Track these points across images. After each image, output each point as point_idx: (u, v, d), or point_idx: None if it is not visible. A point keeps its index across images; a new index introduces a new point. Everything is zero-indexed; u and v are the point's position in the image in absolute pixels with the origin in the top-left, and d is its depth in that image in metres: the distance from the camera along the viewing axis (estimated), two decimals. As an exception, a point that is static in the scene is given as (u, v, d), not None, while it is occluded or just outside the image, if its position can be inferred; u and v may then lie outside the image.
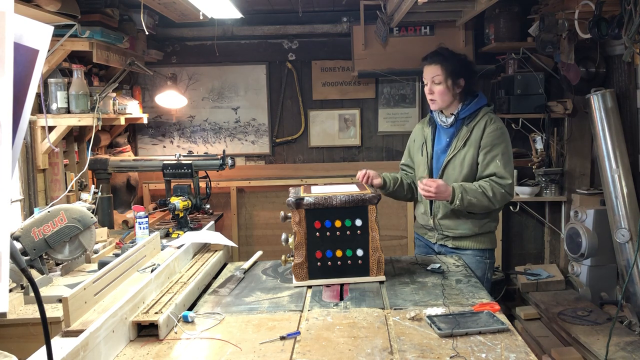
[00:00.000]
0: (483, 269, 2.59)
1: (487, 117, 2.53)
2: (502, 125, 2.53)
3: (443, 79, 2.51)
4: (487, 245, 2.62)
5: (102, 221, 3.41)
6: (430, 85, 2.55)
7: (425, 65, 2.58)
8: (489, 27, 4.13)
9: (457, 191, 2.41)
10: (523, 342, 1.59)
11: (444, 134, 2.62)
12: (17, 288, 2.24)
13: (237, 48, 4.52)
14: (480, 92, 2.62)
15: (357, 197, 2.14)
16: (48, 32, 1.03)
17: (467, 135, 2.52)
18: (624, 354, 2.94)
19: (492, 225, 2.62)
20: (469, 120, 2.55)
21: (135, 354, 1.60)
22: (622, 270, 3.42)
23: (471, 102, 2.55)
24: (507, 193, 2.46)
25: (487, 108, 2.58)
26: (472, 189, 2.44)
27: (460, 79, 2.53)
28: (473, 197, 2.41)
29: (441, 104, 2.55)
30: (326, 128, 4.61)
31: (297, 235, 2.13)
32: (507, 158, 2.50)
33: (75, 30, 2.99)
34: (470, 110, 2.55)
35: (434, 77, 2.53)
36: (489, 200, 2.43)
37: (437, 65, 2.52)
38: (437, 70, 2.52)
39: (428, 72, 2.56)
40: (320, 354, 1.56)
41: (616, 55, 3.62)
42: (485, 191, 2.43)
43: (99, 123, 3.24)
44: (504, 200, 2.49)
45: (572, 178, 4.16)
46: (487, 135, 2.49)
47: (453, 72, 2.52)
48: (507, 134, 2.54)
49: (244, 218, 4.63)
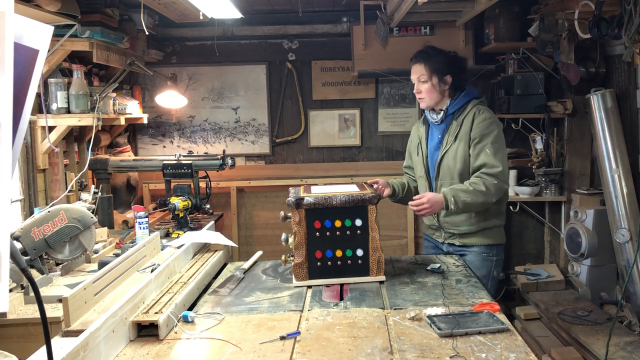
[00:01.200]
0: (488, 267, 2.57)
1: (475, 109, 2.52)
2: (491, 115, 2.52)
3: (428, 77, 2.53)
4: (494, 241, 2.59)
5: (102, 221, 3.41)
6: (417, 84, 2.57)
7: (412, 65, 2.61)
8: (489, 27, 4.13)
9: (448, 196, 2.40)
10: (523, 342, 1.59)
11: (435, 130, 2.63)
12: (17, 288, 2.24)
13: (237, 48, 4.52)
14: (469, 86, 2.61)
15: (357, 197, 2.15)
16: (48, 32, 1.03)
17: (457, 129, 2.53)
18: (624, 354, 2.94)
19: (497, 220, 2.60)
20: (458, 114, 2.55)
21: (135, 354, 1.60)
22: (622, 270, 3.42)
23: (459, 96, 2.56)
24: (500, 182, 2.44)
25: (476, 100, 2.57)
26: (463, 189, 2.42)
27: (446, 76, 2.53)
28: (466, 197, 2.40)
29: (429, 102, 2.57)
30: (326, 128, 4.61)
31: (297, 235, 2.13)
32: (497, 146, 2.47)
33: (75, 30, 2.99)
34: (458, 104, 2.55)
35: (419, 76, 2.55)
36: (484, 195, 2.41)
37: (421, 64, 2.54)
38: (422, 69, 2.54)
39: (414, 72, 2.59)
40: (320, 354, 1.56)
41: (616, 55, 3.62)
42: (477, 187, 2.41)
43: (99, 123, 3.24)
44: (499, 191, 2.46)
45: (572, 178, 4.16)
46: (476, 127, 2.48)
47: (438, 70, 2.52)
48: (496, 122, 2.52)
49: (244, 218, 4.63)
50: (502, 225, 2.63)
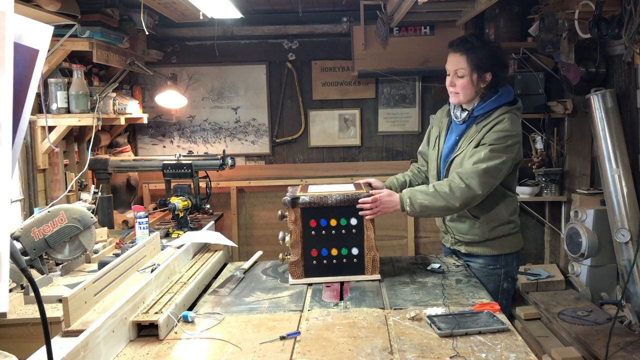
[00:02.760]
0: (496, 281, 2.31)
1: (499, 118, 2.23)
2: (512, 128, 2.21)
3: (468, 72, 2.23)
4: (502, 251, 2.33)
5: (102, 221, 3.41)
6: (452, 77, 2.28)
7: (450, 53, 2.29)
8: (489, 27, 4.13)
9: (404, 197, 2.17)
10: (523, 342, 1.59)
11: (455, 130, 2.37)
12: (17, 288, 2.24)
13: (237, 48, 4.52)
14: (504, 88, 2.31)
15: (352, 196, 2.16)
16: (48, 32, 1.03)
17: (474, 135, 2.25)
18: (624, 354, 2.94)
19: (505, 229, 2.33)
20: (481, 119, 2.27)
21: (135, 354, 1.60)
22: (622, 270, 3.42)
23: (489, 99, 2.28)
24: (469, 188, 2.13)
25: (507, 107, 2.27)
26: (422, 190, 2.20)
27: (486, 73, 2.25)
28: (424, 199, 2.15)
29: (463, 98, 2.28)
30: (326, 128, 4.61)
31: (293, 234, 2.15)
32: (496, 155, 2.17)
33: (75, 30, 2.98)
34: (485, 108, 2.28)
35: (457, 69, 2.25)
36: (445, 198, 2.14)
37: (463, 56, 2.23)
38: (462, 62, 2.24)
39: (452, 62, 2.28)
40: (320, 354, 1.56)
41: (616, 55, 3.62)
42: (440, 189, 2.15)
43: (99, 123, 3.25)
44: (465, 197, 2.14)
45: (572, 178, 4.16)
46: (490, 134, 2.20)
47: (479, 66, 2.23)
48: (513, 137, 2.21)
49: (244, 218, 4.63)
50: (513, 233, 2.36)
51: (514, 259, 2.38)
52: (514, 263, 2.38)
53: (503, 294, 2.36)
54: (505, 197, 2.33)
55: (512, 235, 2.37)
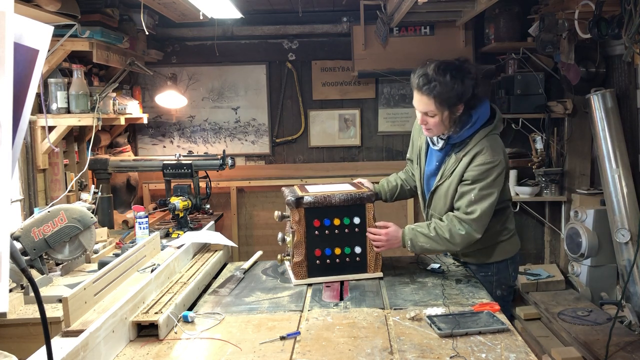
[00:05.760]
0: (489, 289, 2.20)
1: (478, 147, 2.13)
2: (493, 157, 2.11)
3: (438, 111, 2.10)
4: (493, 259, 2.30)
5: (102, 221, 3.41)
6: (423, 117, 2.16)
7: (416, 92, 2.16)
8: (489, 27, 4.13)
9: (406, 237, 2.19)
10: (523, 342, 1.60)
11: (434, 155, 2.30)
12: (17, 288, 2.24)
13: (237, 48, 4.52)
14: (480, 108, 2.16)
15: (355, 195, 2.17)
16: (48, 32, 1.03)
17: (454, 165, 2.18)
18: (624, 354, 2.94)
19: (496, 237, 2.29)
20: (459, 147, 2.18)
21: (135, 354, 1.60)
22: (622, 270, 3.42)
23: (465, 127, 2.15)
24: (469, 233, 2.13)
25: (485, 130, 2.16)
26: (424, 232, 2.17)
27: (458, 106, 2.10)
28: (425, 242, 2.16)
29: (437, 132, 2.19)
30: (326, 128, 4.61)
31: (297, 234, 2.14)
32: (486, 194, 2.12)
33: (75, 30, 2.99)
34: (462, 137, 2.17)
35: (427, 111, 2.13)
36: (446, 243, 2.16)
37: (431, 99, 2.09)
38: (431, 105, 2.10)
39: (420, 103, 2.15)
40: (320, 354, 1.56)
41: (616, 55, 3.62)
42: (440, 234, 2.15)
43: (99, 123, 3.24)
44: (465, 241, 2.15)
45: (572, 178, 4.16)
46: (471, 169, 2.13)
47: (450, 102, 2.08)
48: (496, 167, 2.12)
49: (244, 218, 4.63)
50: (506, 239, 2.32)
51: (508, 265, 2.34)
52: (508, 269, 2.34)
53: (498, 301, 2.24)
54: (497, 211, 2.23)
55: (506, 242, 2.33)
